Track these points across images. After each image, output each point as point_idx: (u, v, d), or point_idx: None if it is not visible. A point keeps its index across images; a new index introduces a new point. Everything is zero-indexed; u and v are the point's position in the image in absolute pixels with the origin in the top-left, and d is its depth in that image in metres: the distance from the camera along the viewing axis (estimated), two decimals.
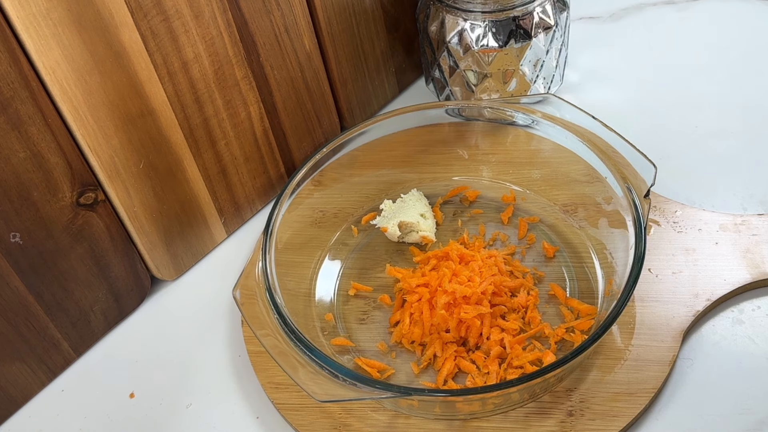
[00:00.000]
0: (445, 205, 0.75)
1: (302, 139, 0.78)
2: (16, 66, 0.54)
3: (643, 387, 0.59)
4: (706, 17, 0.93)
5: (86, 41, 0.57)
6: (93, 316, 0.68)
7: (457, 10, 0.76)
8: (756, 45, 0.88)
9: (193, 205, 0.71)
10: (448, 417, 0.60)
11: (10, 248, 0.59)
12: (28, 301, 0.62)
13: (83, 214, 0.63)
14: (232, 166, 0.73)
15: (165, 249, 0.70)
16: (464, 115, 0.74)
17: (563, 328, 0.63)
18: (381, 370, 0.63)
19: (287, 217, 0.68)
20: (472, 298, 0.63)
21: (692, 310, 0.63)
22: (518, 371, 0.61)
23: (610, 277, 0.65)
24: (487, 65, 0.78)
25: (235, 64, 0.68)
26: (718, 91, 0.83)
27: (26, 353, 0.63)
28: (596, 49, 0.90)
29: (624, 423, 0.58)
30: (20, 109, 0.55)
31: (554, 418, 0.59)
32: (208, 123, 0.69)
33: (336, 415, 0.60)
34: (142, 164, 0.65)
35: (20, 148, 0.57)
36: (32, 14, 0.53)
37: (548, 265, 0.69)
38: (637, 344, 0.62)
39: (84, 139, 0.60)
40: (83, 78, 0.58)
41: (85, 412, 0.65)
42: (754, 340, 0.63)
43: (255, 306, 0.61)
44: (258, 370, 0.64)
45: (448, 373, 0.61)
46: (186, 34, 0.63)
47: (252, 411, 0.63)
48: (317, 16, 0.74)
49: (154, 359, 0.68)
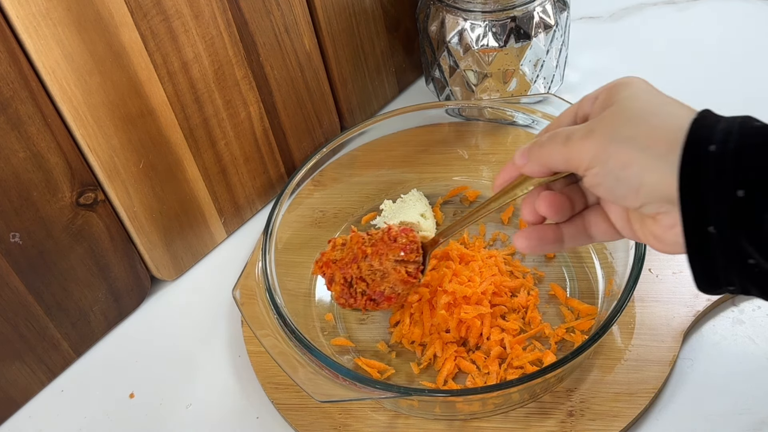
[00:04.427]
0: (445, 205, 0.75)
1: (302, 139, 0.78)
2: (15, 66, 0.54)
3: (644, 387, 0.59)
4: (707, 17, 0.93)
5: (86, 41, 0.57)
6: (93, 316, 0.68)
7: (457, 10, 0.76)
8: (756, 45, 0.88)
9: (193, 205, 0.71)
10: (448, 417, 0.60)
11: (10, 248, 0.59)
12: (28, 301, 0.62)
13: (83, 214, 0.63)
14: (232, 166, 0.73)
15: (165, 249, 0.70)
16: (464, 115, 0.74)
17: (563, 329, 0.63)
18: (381, 370, 0.63)
19: (287, 217, 0.68)
20: (472, 298, 0.63)
21: (692, 310, 0.63)
22: (518, 371, 0.61)
23: (611, 277, 0.65)
24: (487, 65, 0.77)
25: (235, 64, 0.68)
26: (718, 91, 0.83)
27: (26, 353, 0.63)
28: (596, 49, 0.90)
29: (624, 423, 0.58)
30: (20, 109, 0.55)
31: (554, 418, 0.59)
32: (208, 123, 0.69)
33: (336, 415, 0.60)
34: (141, 164, 0.65)
35: (20, 148, 0.57)
36: (32, 14, 0.53)
37: (548, 265, 0.69)
38: (638, 344, 0.62)
39: (84, 139, 0.60)
40: (83, 78, 0.58)
41: (85, 412, 0.65)
42: (754, 340, 0.63)
43: (255, 306, 0.61)
44: (258, 370, 0.64)
45: (448, 373, 0.61)
46: (186, 34, 0.63)
47: (252, 411, 0.63)
48: (317, 16, 0.74)
49: (154, 359, 0.68)
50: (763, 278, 0.40)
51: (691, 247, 0.41)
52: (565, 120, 0.50)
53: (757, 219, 0.38)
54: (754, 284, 0.40)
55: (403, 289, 0.59)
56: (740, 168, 0.38)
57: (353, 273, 0.59)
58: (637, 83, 0.46)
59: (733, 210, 0.38)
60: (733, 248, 0.39)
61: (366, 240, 0.60)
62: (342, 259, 0.60)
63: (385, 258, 0.58)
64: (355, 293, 0.59)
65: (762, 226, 0.38)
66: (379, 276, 0.58)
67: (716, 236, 0.39)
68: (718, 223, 0.39)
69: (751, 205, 0.38)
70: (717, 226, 0.39)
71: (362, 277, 0.59)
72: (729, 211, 0.38)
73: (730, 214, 0.38)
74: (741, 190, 0.38)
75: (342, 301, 0.60)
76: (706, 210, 0.39)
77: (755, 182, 0.38)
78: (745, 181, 0.38)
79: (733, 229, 0.39)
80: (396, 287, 0.58)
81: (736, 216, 0.38)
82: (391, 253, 0.58)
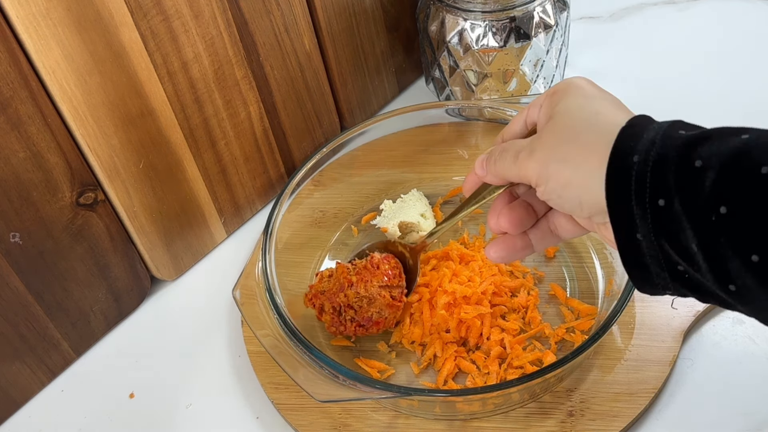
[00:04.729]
0: (445, 205, 0.75)
1: (302, 139, 0.78)
2: (15, 66, 0.54)
3: (644, 387, 0.59)
4: (707, 17, 0.93)
5: (86, 41, 0.57)
6: (93, 316, 0.68)
7: (457, 10, 0.76)
8: (756, 45, 0.88)
9: (193, 205, 0.71)
10: (448, 417, 0.60)
11: (10, 248, 0.59)
12: (28, 301, 0.61)
13: (83, 214, 0.63)
14: (232, 166, 0.73)
15: (165, 249, 0.70)
16: (464, 115, 0.74)
17: (563, 328, 0.63)
18: (381, 370, 0.63)
19: (287, 217, 0.68)
20: (472, 298, 0.63)
21: (693, 310, 0.63)
22: (518, 371, 0.61)
23: (611, 277, 0.65)
24: (487, 65, 0.77)
25: (235, 63, 0.68)
26: (718, 91, 0.83)
27: (26, 353, 0.63)
28: (596, 49, 0.90)
29: (624, 423, 0.58)
30: (20, 109, 0.55)
31: (554, 418, 0.59)
32: (207, 123, 0.69)
33: (336, 415, 0.60)
34: (141, 164, 0.65)
35: (20, 148, 0.57)
36: (32, 14, 0.53)
37: (548, 265, 0.69)
38: (638, 344, 0.62)
39: (84, 139, 0.60)
40: (83, 78, 0.58)
41: (85, 412, 0.65)
42: (754, 340, 0.63)
43: (255, 306, 0.61)
44: (258, 370, 0.64)
45: (449, 373, 0.61)
46: (186, 33, 0.63)
47: (252, 411, 0.63)
48: (317, 16, 0.74)
49: (154, 359, 0.68)
50: (695, 283, 0.40)
51: (625, 254, 0.42)
52: (515, 128, 0.52)
53: (677, 227, 0.38)
54: (688, 289, 0.41)
55: (389, 313, 0.62)
56: (660, 177, 0.39)
57: (341, 301, 0.62)
58: (575, 89, 0.47)
59: (656, 219, 0.39)
60: (660, 256, 0.40)
61: (351, 269, 0.64)
62: (330, 289, 0.63)
63: (370, 284, 0.62)
64: (344, 321, 0.63)
65: (682, 234, 0.38)
66: (365, 302, 0.62)
67: (644, 244, 0.40)
68: (645, 232, 0.40)
69: (672, 214, 0.38)
70: (644, 235, 0.40)
71: (350, 305, 0.62)
72: (652, 219, 0.39)
73: (653, 222, 0.39)
74: (662, 200, 0.39)
75: (333, 329, 0.64)
76: (632, 218, 0.40)
77: (675, 191, 0.38)
78: (665, 190, 0.38)
79: (658, 237, 0.39)
80: (383, 312, 0.62)
81: (659, 225, 0.39)
82: (375, 279, 0.63)
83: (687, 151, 0.38)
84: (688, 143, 0.39)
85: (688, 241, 0.38)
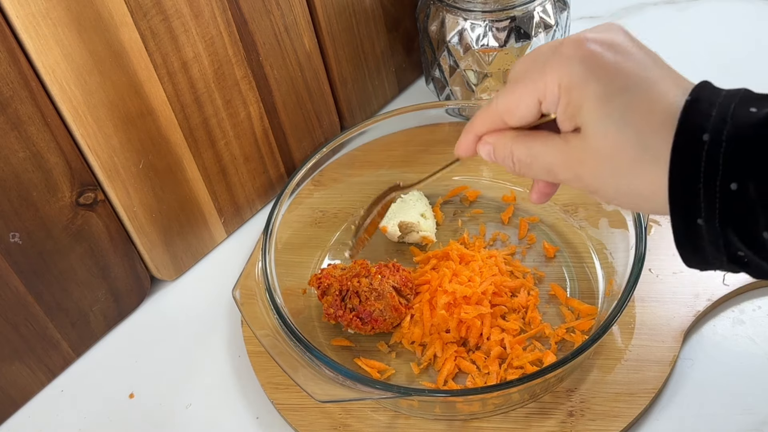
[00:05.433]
0: (445, 205, 0.75)
1: (302, 139, 0.78)
2: (15, 66, 0.54)
3: (644, 387, 0.59)
4: (707, 17, 0.93)
5: (86, 41, 0.57)
6: (92, 316, 0.68)
7: (457, 10, 0.76)
8: (757, 45, 0.88)
9: (192, 205, 0.71)
10: (448, 417, 0.60)
11: (9, 248, 0.59)
12: (28, 301, 0.61)
13: (83, 214, 0.63)
14: (231, 166, 0.73)
15: (165, 249, 0.70)
16: (464, 115, 0.74)
17: (563, 329, 0.63)
18: (381, 370, 0.63)
19: (287, 217, 0.68)
20: (472, 298, 0.63)
21: (693, 310, 0.63)
22: (518, 371, 0.61)
23: (611, 277, 0.65)
24: (487, 65, 0.77)
25: (235, 63, 0.68)
26: None
27: (26, 353, 0.63)
28: None
29: (624, 423, 0.58)
30: (20, 109, 0.55)
31: (555, 419, 0.59)
32: (207, 123, 0.69)
33: (336, 415, 0.60)
34: (141, 164, 0.65)
35: (20, 148, 0.57)
36: (32, 14, 0.53)
37: (548, 265, 0.69)
38: (638, 344, 0.62)
39: (83, 138, 0.60)
40: (83, 78, 0.58)
41: (85, 412, 0.65)
42: (754, 340, 0.63)
43: (255, 306, 0.61)
44: (258, 370, 0.64)
45: (449, 373, 0.61)
46: (186, 33, 0.63)
47: (252, 411, 0.63)
48: (317, 16, 0.74)
49: (153, 359, 0.68)
50: (755, 265, 0.38)
51: (681, 237, 0.40)
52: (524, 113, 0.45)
53: (748, 214, 0.36)
54: (743, 268, 0.39)
55: (389, 316, 0.63)
56: (735, 159, 0.36)
57: (352, 286, 0.63)
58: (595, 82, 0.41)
59: (725, 204, 0.37)
60: (722, 242, 0.38)
61: (370, 264, 0.65)
62: (343, 275, 0.64)
63: (385, 280, 0.63)
64: (344, 307, 0.63)
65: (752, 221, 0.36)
66: (374, 296, 0.62)
67: (705, 229, 0.38)
68: (708, 217, 0.38)
69: (744, 199, 0.36)
70: (706, 220, 0.38)
71: (358, 293, 0.62)
72: (721, 204, 0.37)
73: (721, 208, 0.37)
74: (734, 183, 0.36)
75: (331, 311, 0.63)
76: (697, 202, 0.38)
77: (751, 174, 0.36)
78: (740, 173, 0.36)
79: (724, 224, 0.37)
80: (385, 311, 0.62)
81: (728, 211, 0.37)
82: (392, 278, 0.64)
83: (765, 131, 0.36)
84: (765, 123, 0.36)
85: (760, 229, 0.36)
